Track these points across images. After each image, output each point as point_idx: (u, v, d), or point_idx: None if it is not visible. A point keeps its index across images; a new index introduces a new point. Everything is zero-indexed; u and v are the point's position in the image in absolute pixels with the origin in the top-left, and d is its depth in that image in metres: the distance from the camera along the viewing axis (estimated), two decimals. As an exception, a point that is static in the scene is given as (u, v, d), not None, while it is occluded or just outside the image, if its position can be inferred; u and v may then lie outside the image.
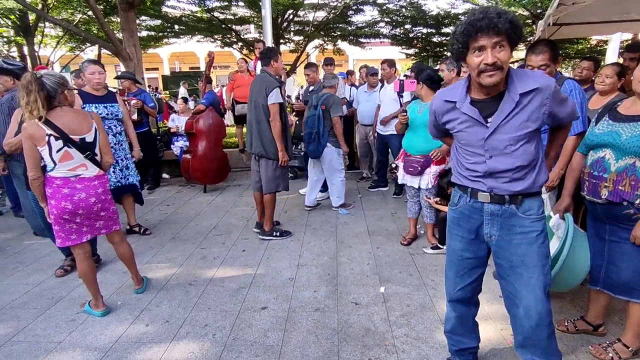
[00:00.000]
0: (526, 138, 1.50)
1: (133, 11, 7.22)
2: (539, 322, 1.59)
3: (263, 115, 3.47)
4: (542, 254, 1.58)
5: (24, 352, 2.19)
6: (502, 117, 1.49)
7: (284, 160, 3.56)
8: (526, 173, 1.54)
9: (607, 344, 2.04)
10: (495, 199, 1.59)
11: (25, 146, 2.22)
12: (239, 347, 2.19)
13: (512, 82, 1.48)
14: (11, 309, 2.64)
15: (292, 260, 3.26)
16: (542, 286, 1.57)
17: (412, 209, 3.52)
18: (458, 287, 1.80)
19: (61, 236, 2.38)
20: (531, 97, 1.47)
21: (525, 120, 1.48)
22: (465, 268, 1.77)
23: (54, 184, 2.30)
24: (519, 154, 1.51)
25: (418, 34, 13.15)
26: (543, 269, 1.57)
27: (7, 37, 13.51)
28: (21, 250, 3.62)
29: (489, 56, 1.39)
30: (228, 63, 22.86)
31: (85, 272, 2.48)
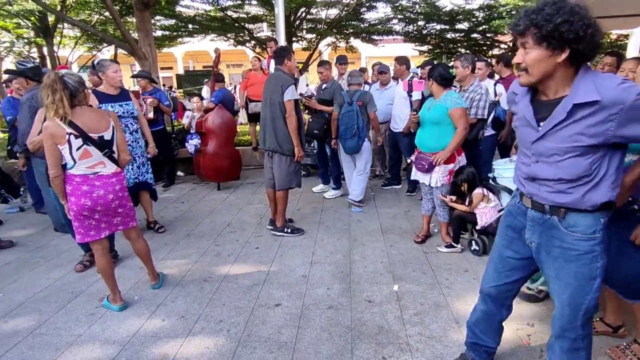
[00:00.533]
0: (577, 152, 1.35)
1: (148, 11, 7.32)
2: (560, 334, 1.58)
3: (279, 112, 3.51)
4: (582, 275, 1.46)
5: (46, 344, 2.26)
6: (551, 125, 1.38)
7: (300, 155, 3.60)
8: (573, 187, 1.41)
9: (624, 346, 2.00)
10: (537, 206, 1.52)
11: (46, 145, 2.28)
12: (253, 343, 2.22)
13: (575, 88, 1.33)
14: (34, 302, 2.72)
15: (306, 258, 3.27)
16: (572, 304, 1.50)
17: (426, 206, 3.50)
18: (492, 284, 1.78)
19: (80, 232, 2.44)
20: (590, 110, 1.29)
21: (578, 133, 1.33)
22: (503, 267, 1.73)
23: (73, 182, 2.36)
24: (565, 165, 1.39)
25: (431, 31, 13.01)
26: (579, 289, 1.47)
27: (28, 39, 13.86)
28: (42, 245, 3.72)
29: (516, 57, 1.36)
30: (241, 61, 23.02)
31: (104, 268, 2.54)
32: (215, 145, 5.17)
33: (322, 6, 11.35)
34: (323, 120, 4.73)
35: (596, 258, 1.44)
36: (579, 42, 1.26)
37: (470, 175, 3.26)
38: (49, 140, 2.26)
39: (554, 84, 1.37)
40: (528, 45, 1.33)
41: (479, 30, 12.56)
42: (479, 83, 3.69)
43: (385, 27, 12.44)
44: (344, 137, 4.29)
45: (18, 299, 2.75)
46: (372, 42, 13.08)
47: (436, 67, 3.27)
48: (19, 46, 14.44)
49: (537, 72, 1.35)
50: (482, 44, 13.26)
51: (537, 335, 2.20)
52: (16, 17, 11.86)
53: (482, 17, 11.83)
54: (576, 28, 1.24)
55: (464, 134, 3.14)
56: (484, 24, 11.99)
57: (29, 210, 4.81)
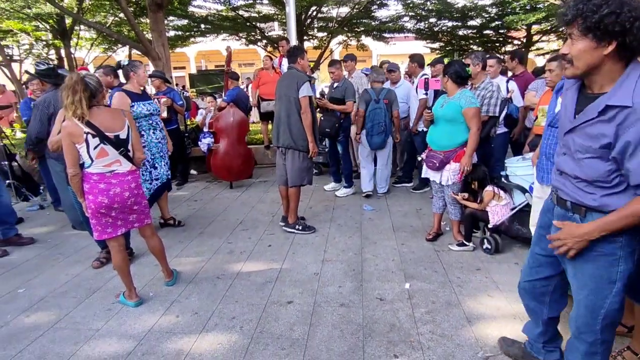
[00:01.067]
0: (597, 154, 1.32)
1: (161, 12, 7.43)
2: (577, 335, 1.57)
3: (294, 108, 3.55)
4: (599, 277, 1.43)
5: (66, 338, 2.33)
6: (581, 120, 1.36)
7: (315, 151, 3.65)
8: (591, 188, 1.39)
9: (616, 352, 1.95)
10: (560, 202, 1.52)
11: (65, 144, 2.35)
12: (265, 339, 2.25)
13: (617, 87, 1.28)
14: (53, 297, 2.80)
15: (317, 256, 3.29)
16: (588, 306, 1.47)
17: (437, 204, 3.49)
18: (526, 279, 1.80)
19: (98, 229, 2.51)
20: (622, 114, 1.24)
21: (604, 135, 1.29)
22: (534, 263, 1.75)
23: (91, 180, 2.43)
24: (584, 165, 1.37)
25: (443, 28, 12.87)
26: (597, 291, 1.44)
27: (46, 41, 14.19)
28: (61, 242, 3.82)
29: (563, 47, 1.33)
30: (253, 60, 23.14)
31: (120, 264, 2.60)
32: (228, 144, 5.22)
33: (333, 4, 11.34)
34: (335, 119, 4.74)
35: (617, 262, 1.40)
36: (625, 34, 1.21)
37: (481, 173, 3.24)
38: (67, 139, 2.33)
39: (599, 78, 1.33)
40: (574, 36, 1.29)
41: (492, 27, 12.38)
42: (490, 80, 3.65)
43: (397, 25, 12.37)
44: (371, 134, 4.45)
45: (39, 294, 2.84)
46: (384, 40, 13.02)
47: (452, 64, 3.22)
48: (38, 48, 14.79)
49: (582, 64, 1.31)
50: (495, 40, 13.07)
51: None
52: (35, 19, 12.16)
53: (495, 13, 11.66)
54: (623, 20, 1.20)
55: (478, 135, 3.12)
56: (496, 20, 11.82)
57: (48, 208, 4.94)
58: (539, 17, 9.52)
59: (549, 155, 2.26)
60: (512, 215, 3.10)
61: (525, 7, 10.34)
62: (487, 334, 2.22)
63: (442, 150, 3.21)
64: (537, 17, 9.48)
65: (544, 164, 2.33)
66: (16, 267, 3.32)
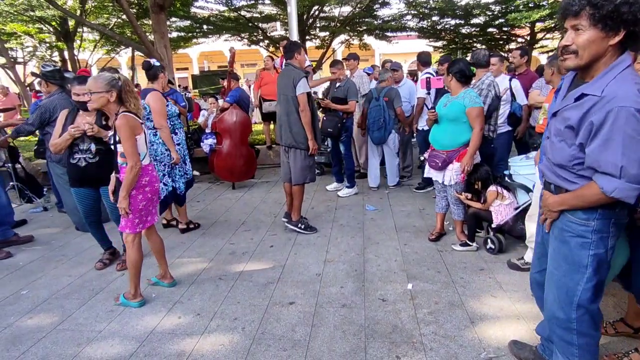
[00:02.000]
0: (563, 136, 1.42)
1: (164, 13, 7.44)
2: (550, 319, 1.62)
3: (293, 106, 3.55)
4: (572, 259, 1.50)
5: (68, 339, 2.34)
6: (563, 105, 1.45)
7: (314, 148, 3.63)
8: (562, 172, 1.47)
9: (623, 354, 1.92)
10: (546, 185, 1.59)
11: (130, 137, 2.37)
12: (267, 340, 2.24)
13: (597, 77, 1.35)
14: (56, 298, 2.81)
15: (319, 256, 3.28)
16: (562, 287, 1.53)
17: (440, 204, 3.46)
18: (535, 269, 1.81)
19: (143, 220, 2.58)
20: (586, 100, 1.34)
21: (572, 121, 1.38)
22: (539, 252, 1.77)
23: (148, 171, 2.56)
24: (555, 147, 1.47)
25: (446, 26, 12.82)
26: (569, 273, 1.51)
27: (50, 43, 14.29)
28: (65, 244, 3.84)
29: (564, 39, 1.36)
30: (255, 61, 23.16)
31: (139, 261, 2.62)
32: (230, 145, 5.23)
33: (335, 4, 11.32)
34: (337, 118, 4.73)
35: (587, 245, 1.46)
36: (636, 24, 1.26)
37: (483, 173, 3.21)
38: (131, 133, 2.38)
39: (596, 69, 1.35)
40: (582, 27, 1.30)
41: (495, 25, 12.31)
42: (485, 79, 3.55)
43: (399, 24, 12.34)
44: (372, 129, 4.73)
45: (42, 296, 2.85)
46: (386, 39, 12.99)
47: (456, 62, 3.18)
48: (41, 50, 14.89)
49: (587, 54, 1.32)
50: (499, 38, 13.00)
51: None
52: (38, 22, 12.24)
53: (499, 10, 11.59)
54: (635, 10, 1.23)
55: (481, 135, 3.10)
56: (500, 18, 11.75)
57: (52, 209, 4.97)
58: (542, 15, 9.46)
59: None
60: (516, 214, 3.07)
61: (528, 5, 10.27)
62: (491, 334, 2.20)
63: (444, 149, 3.19)
64: (540, 15, 9.42)
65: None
66: (20, 268, 3.33)
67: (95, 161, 2.97)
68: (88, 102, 2.47)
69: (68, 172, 3.10)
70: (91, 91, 2.38)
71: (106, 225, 3.37)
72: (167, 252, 3.38)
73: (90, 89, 2.38)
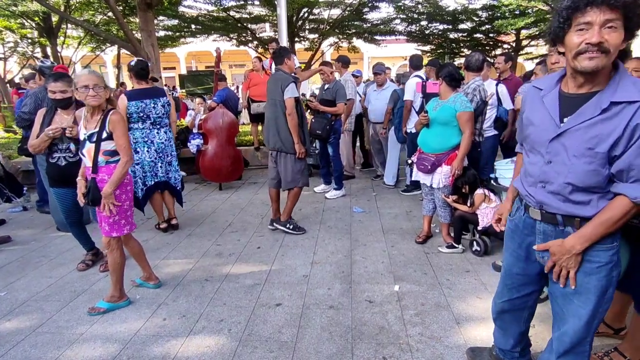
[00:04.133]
0: (596, 157, 1.25)
1: (151, 12, 7.35)
2: (570, 350, 1.49)
3: (281, 110, 3.56)
4: (602, 287, 1.37)
5: (48, 342, 2.27)
6: (578, 121, 1.27)
7: (301, 152, 3.63)
8: (583, 196, 1.32)
9: (603, 353, 1.95)
10: (547, 217, 1.41)
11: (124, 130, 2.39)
12: (253, 342, 2.22)
13: (613, 84, 1.23)
14: (35, 301, 2.73)
15: (307, 258, 3.28)
16: (589, 320, 1.40)
17: (427, 206, 3.49)
18: (504, 298, 1.70)
19: (129, 221, 2.55)
20: (622, 108, 1.20)
21: (605, 135, 1.22)
22: (513, 283, 1.65)
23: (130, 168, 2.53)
24: (578, 170, 1.28)
25: (434, 30, 13.00)
26: (599, 303, 1.38)
27: (32, 39, 13.95)
28: (45, 244, 3.74)
29: (595, 34, 1.16)
30: (244, 62, 23.06)
31: (122, 261, 2.57)
32: (216, 145, 5.18)
33: (324, 6, 11.37)
34: (325, 120, 4.74)
35: (615, 267, 1.36)
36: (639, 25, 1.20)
37: (471, 177, 3.26)
38: (125, 127, 2.40)
39: (600, 75, 1.24)
40: (616, 24, 1.16)
41: (482, 30, 12.55)
42: (471, 83, 3.57)
43: (388, 27, 12.45)
44: (398, 129, 4.87)
45: (21, 298, 2.77)
46: (375, 42, 13.08)
47: (445, 66, 3.22)
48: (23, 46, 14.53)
49: (615, 56, 1.20)
50: (485, 44, 13.24)
51: (539, 337, 2.19)
52: (20, 17, 11.94)
53: (485, 17, 11.81)
54: None
55: (471, 139, 3.15)
56: (486, 24, 11.98)
57: (32, 209, 4.84)
58: (527, 22, 9.69)
59: None
60: (501, 217, 3.11)
61: (514, 12, 10.49)
62: (476, 335, 2.23)
63: (434, 152, 3.22)
64: (525, 22, 9.65)
65: None
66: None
67: (75, 160, 2.90)
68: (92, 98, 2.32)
69: (47, 171, 3.03)
70: (98, 85, 2.33)
71: (88, 227, 3.30)
72: (153, 253, 3.33)
73: (97, 83, 2.34)
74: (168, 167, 3.88)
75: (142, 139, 3.69)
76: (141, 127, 3.67)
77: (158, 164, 3.80)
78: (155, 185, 3.80)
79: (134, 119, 3.62)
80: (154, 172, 3.79)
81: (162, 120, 3.77)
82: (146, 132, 3.71)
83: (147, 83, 3.75)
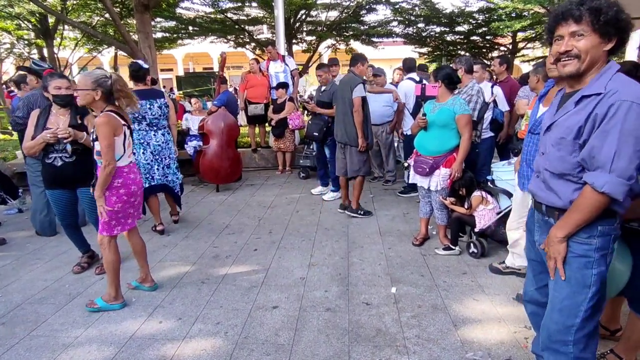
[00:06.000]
0: (568, 145, 1.39)
1: (148, 13, 7.33)
2: (548, 346, 1.52)
3: (348, 108, 3.98)
4: (575, 280, 1.42)
5: (42, 346, 2.25)
6: (560, 115, 1.44)
7: (363, 145, 4.00)
8: (561, 185, 1.43)
9: (599, 355, 1.95)
10: (537, 206, 1.56)
11: (108, 136, 2.35)
12: (250, 345, 2.21)
13: (592, 81, 1.37)
14: (30, 304, 2.71)
15: (304, 260, 3.27)
16: (563, 310, 1.45)
17: (424, 209, 3.50)
18: (531, 287, 1.74)
19: (121, 222, 2.54)
20: (589, 101, 1.34)
21: (574, 124, 1.37)
22: (534, 270, 1.71)
23: (123, 173, 2.48)
24: (555, 158, 1.43)
25: (431, 33, 13.04)
26: (572, 295, 1.43)
27: (28, 40, 13.89)
28: (40, 247, 3.71)
29: (563, 44, 1.36)
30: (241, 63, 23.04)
31: (117, 262, 2.58)
32: (216, 146, 5.18)
33: (322, 8, 11.37)
34: (322, 122, 4.74)
35: (590, 264, 1.40)
36: (624, 32, 1.33)
37: (468, 179, 3.26)
38: (111, 132, 2.35)
39: (589, 75, 1.38)
40: (584, 32, 1.32)
41: (479, 33, 12.60)
42: (472, 85, 3.62)
43: (385, 30, 12.46)
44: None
45: (16, 301, 2.75)
46: (372, 45, 13.09)
47: (443, 69, 3.23)
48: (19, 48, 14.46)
49: (589, 58, 1.34)
50: (482, 46, 13.30)
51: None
52: (17, 18, 11.89)
53: (482, 19, 11.87)
54: (626, 19, 1.31)
55: (470, 141, 3.16)
56: (483, 27, 12.03)
57: (27, 211, 4.80)
58: (524, 25, 9.74)
59: (529, 162, 2.24)
60: (498, 219, 3.13)
61: (510, 15, 10.54)
62: (473, 337, 2.23)
63: (432, 155, 3.21)
64: (522, 25, 9.70)
65: (525, 171, 2.32)
66: (-8, 272, 3.21)
67: (72, 161, 2.90)
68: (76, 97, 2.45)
69: (43, 173, 3.01)
70: (77, 87, 2.38)
71: (84, 229, 3.28)
72: (149, 255, 3.31)
73: (78, 85, 2.39)
74: (166, 170, 3.89)
75: (138, 141, 3.70)
76: (137, 129, 3.67)
77: (154, 166, 3.79)
78: (150, 188, 3.78)
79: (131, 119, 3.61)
80: (150, 175, 3.78)
81: (158, 122, 3.76)
82: (142, 134, 3.71)
83: (145, 84, 3.77)
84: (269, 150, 6.64)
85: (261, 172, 6.47)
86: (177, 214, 4.19)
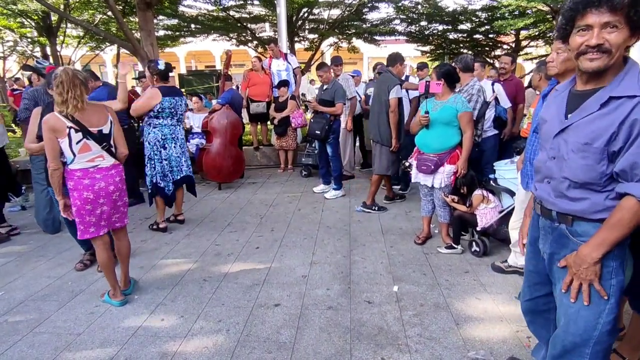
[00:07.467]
0: (594, 152, 1.23)
1: (151, 11, 7.34)
2: (561, 355, 1.42)
3: (384, 107, 4.04)
4: (594, 291, 1.31)
5: (45, 342, 2.26)
6: (580, 117, 1.27)
7: (396, 146, 4.07)
8: (579, 192, 1.30)
9: None
10: (545, 212, 1.44)
11: (46, 138, 2.31)
12: (252, 343, 2.22)
13: (617, 79, 1.22)
14: (33, 301, 2.72)
15: (306, 258, 3.27)
16: (579, 322, 1.34)
17: (426, 207, 3.49)
18: (527, 297, 1.68)
19: (81, 228, 2.49)
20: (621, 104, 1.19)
21: (602, 130, 1.21)
22: (529, 280, 1.64)
23: (74, 177, 2.41)
24: (576, 165, 1.28)
25: (434, 31, 12.98)
26: (589, 307, 1.32)
27: (31, 38, 13.92)
28: (44, 244, 3.73)
29: (594, 36, 1.18)
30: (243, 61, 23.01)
31: (105, 262, 2.56)
32: (220, 144, 5.20)
33: (324, 6, 11.34)
34: (324, 121, 4.73)
35: (610, 274, 1.30)
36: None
37: (469, 178, 3.25)
38: (49, 134, 2.29)
39: (609, 73, 1.24)
40: (619, 24, 1.16)
41: (482, 31, 12.53)
42: (473, 83, 3.59)
43: (388, 28, 12.41)
44: None
45: (19, 297, 2.76)
46: (374, 43, 13.05)
47: (444, 66, 3.22)
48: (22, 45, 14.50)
49: (619, 55, 1.20)
50: (485, 44, 13.23)
51: (537, 337, 2.19)
52: (20, 16, 11.91)
53: (485, 17, 11.80)
54: None
55: (472, 138, 3.18)
56: (486, 25, 11.96)
57: (30, 209, 4.82)
58: (527, 23, 9.67)
59: (532, 161, 2.24)
60: (500, 217, 3.12)
61: (514, 13, 10.48)
62: (475, 336, 2.22)
63: (435, 153, 3.20)
64: (525, 23, 9.63)
65: (528, 170, 2.30)
66: (-5, 269, 3.22)
67: None
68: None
69: (45, 170, 3.02)
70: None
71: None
72: (151, 253, 3.32)
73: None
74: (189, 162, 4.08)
75: (171, 135, 3.83)
76: (169, 124, 3.80)
77: (182, 158, 3.96)
78: (181, 179, 3.96)
79: (165, 114, 3.74)
80: (180, 167, 3.93)
81: (182, 118, 3.96)
82: (173, 129, 3.85)
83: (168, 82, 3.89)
84: (271, 148, 6.64)
85: (263, 170, 6.48)
86: (182, 213, 4.21)
